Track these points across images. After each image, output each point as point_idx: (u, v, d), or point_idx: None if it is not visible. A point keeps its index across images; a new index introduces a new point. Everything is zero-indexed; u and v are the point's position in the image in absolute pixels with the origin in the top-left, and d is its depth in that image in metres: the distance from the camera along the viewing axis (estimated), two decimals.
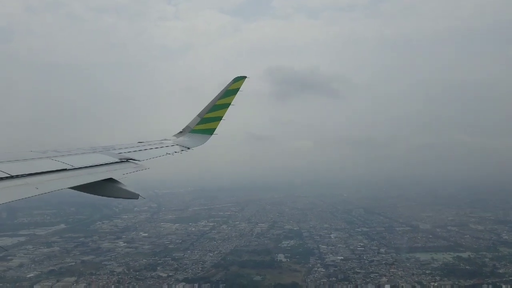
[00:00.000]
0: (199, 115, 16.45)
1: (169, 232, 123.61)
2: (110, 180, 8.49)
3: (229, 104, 16.16)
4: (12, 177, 6.39)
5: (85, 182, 7.69)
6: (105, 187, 8.40)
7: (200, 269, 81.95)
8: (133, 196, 8.49)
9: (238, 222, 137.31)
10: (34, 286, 74.46)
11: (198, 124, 16.31)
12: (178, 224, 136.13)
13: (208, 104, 16.39)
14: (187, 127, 16.48)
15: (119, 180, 8.58)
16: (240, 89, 16.27)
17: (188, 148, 14.57)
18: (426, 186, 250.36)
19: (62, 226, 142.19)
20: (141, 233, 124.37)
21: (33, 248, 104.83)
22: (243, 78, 16.44)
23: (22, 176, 6.60)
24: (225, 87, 16.35)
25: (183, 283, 73.32)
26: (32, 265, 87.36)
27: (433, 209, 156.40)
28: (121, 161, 9.99)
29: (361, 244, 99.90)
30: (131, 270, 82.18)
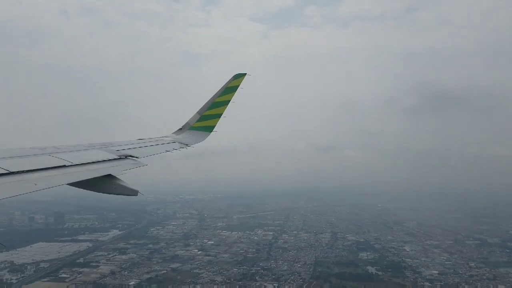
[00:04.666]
0: (198, 112, 16.23)
1: (233, 240, 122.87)
2: (110, 177, 8.49)
3: (229, 101, 15.89)
4: (11, 173, 6.46)
5: (83, 179, 7.74)
6: (104, 184, 8.39)
7: (301, 280, 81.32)
8: (132, 192, 8.44)
9: (296, 232, 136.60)
10: None
11: (197, 121, 16.09)
12: (235, 232, 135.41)
13: (207, 102, 16.12)
14: (187, 124, 16.25)
15: (118, 177, 8.59)
16: (240, 86, 15.93)
17: (188, 145, 14.45)
18: (457, 197, 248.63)
19: (116, 231, 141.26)
20: (205, 240, 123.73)
21: (108, 254, 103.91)
22: (243, 75, 16.08)
23: (22, 172, 6.67)
24: (224, 84, 16.03)
25: None
26: (125, 273, 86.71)
27: (484, 222, 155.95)
28: (120, 158, 9.95)
29: (444, 257, 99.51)
30: (232, 279, 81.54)
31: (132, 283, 79.30)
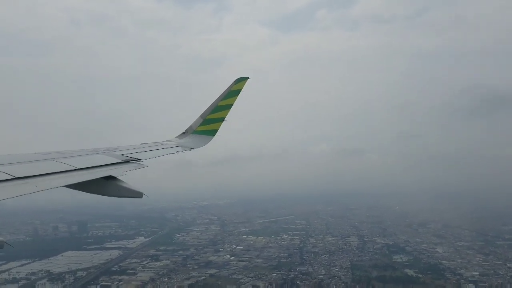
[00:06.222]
0: (201, 116, 16.27)
1: (262, 245, 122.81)
2: (113, 179, 8.52)
3: (231, 105, 15.93)
4: (16, 178, 6.62)
5: (83, 180, 7.83)
6: (107, 186, 8.39)
7: (344, 285, 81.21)
8: (137, 195, 8.39)
9: (321, 236, 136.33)
10: None
11: (200, 125, 16.12)
12: (261, 237, 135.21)
13: (210, 105, 16.14)
14: (190, 128, 16.30)
15: (122, 180, 8.58)
16: (242, 90, 15.99)
17: (191, 149, 14.55)
18: (473, 198, 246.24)
19: (142, 238, 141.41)
20: (234, 245, 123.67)
21: (142, 261, 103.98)
22: (245, 79, 16.13)
23: (26, 177, 6.82)
24: (227, 88, 16.06)
25: None
26: (165, 279, 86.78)
27: (509, 222, 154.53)
28: (124, 162, 10.03)
29: (480, 259, 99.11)
30: (274, 285, 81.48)
31: None
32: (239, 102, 16.25)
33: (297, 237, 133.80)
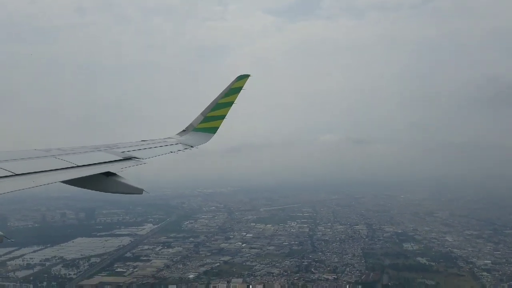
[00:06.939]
0: (202, 113, 16.28)
1: (271, 233, 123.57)
2: (113, 176, 8.65)
3: (232, 102, 15.88)
4: (16, 175, 6.73)
5: (82, 175, 7.97)
6: (106, 182, 8.55)
7: (358, 272, 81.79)
8: (137, 191, 8.59)
9: (330, 224, 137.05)
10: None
11: (201, 122, 16.14)
12: (270, 225, 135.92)
13: (211, 103, 16.14)
14: (190, 125, 16.33)
15: (122, 176, 8.72)
16: (243, 88, 15.98)
17: (192, 147, 14.60)
18: (474, 188, 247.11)
19: (151, 226, 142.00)
20: (243, 233, 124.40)
21: (154, 248, 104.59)
22: (246, 76, 16.09)
23: (26, 174, 6.93)
24: (228, 86, 16.06)
25: None
26: (179, 266, 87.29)
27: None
28: (124, 159, 10.14)
29: (490, 247, 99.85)
30: (289, 272, 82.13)
31: (191, 276, 79.89)
32: (246, 91, 16.26)
33: (306, 225, 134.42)
